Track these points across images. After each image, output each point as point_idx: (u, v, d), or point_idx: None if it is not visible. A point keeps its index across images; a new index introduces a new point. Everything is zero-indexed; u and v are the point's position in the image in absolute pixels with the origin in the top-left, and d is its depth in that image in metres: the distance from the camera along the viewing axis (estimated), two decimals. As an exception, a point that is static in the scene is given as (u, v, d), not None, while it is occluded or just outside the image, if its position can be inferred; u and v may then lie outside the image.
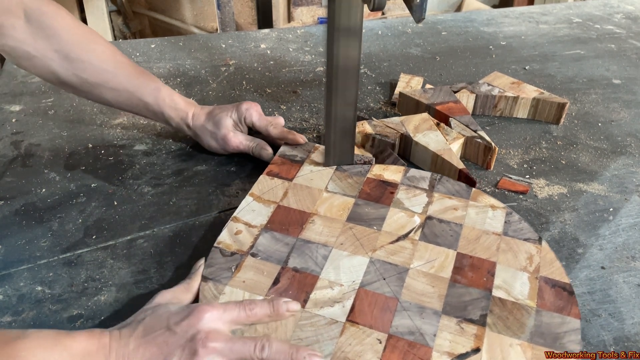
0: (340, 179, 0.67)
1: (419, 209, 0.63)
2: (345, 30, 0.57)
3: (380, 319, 0.50)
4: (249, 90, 0.94)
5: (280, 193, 0.65)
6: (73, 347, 0.43)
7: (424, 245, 0.58)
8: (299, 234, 0.59)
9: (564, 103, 0.82)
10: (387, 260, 0.56)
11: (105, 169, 0.73)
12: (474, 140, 0.75)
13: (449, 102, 0.82)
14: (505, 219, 0.61)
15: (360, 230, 0.60)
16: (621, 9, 1.33)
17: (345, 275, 0.54)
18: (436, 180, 0.67)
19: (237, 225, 0.60)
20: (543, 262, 0.56)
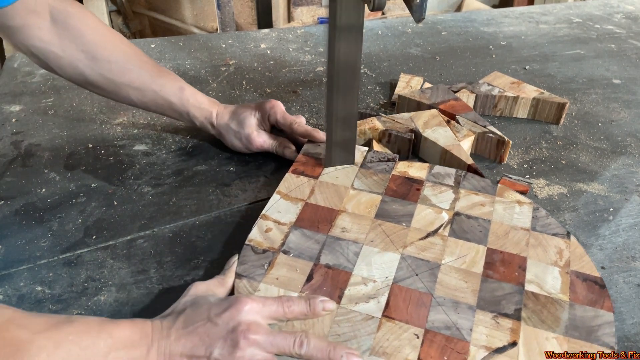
0: (366, 176, 0.67)
1: (447, 205, 0.63)
2: (346, 30, 0.57)
3: (415, 315, 0.50)
4: (249, 90, 0.94)
5: (307, 191, 0.65)
6: (117, 334, 0.43)
7: (453, 241, 0.58)
8: (328, 231, 0.60)
9: (564, 103, 0.82)
10: (418, 256, 0.57)
11: (105, 169, 0.73)
12: (486, 136, 0.75)
13: (449, 101, 0.83)
14: (533, 214, 0.62)
15: (389, 226, 0.60)
16: (621, 8, 1.33)
17: (377, 272, 0.55)
18: (461, 176, 0.67)
19: (267, 222, 0.61)
20: (573, 256, 0.57)
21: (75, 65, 0.67)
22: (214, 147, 0.78)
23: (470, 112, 0.80)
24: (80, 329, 0.42)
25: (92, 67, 0.67)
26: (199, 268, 0.58)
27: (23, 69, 0.99)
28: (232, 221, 0.65)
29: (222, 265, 0.59)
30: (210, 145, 0.79)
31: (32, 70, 0.98)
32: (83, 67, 0.67)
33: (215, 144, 0.79)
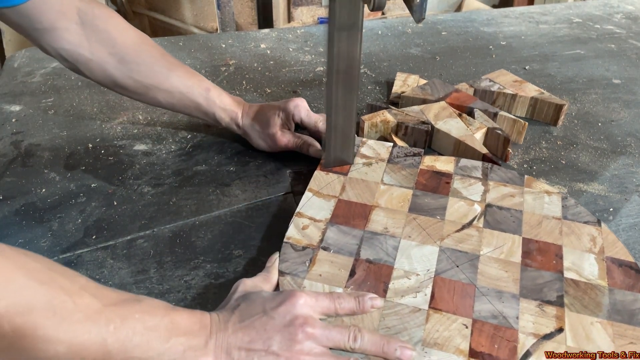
0: (394, 171, 0.68)
1: (477, 197, 0.64)
2: (346, 30, 0.57)
3: (461, 305, 0.51)
4: (249, 90, 0.94)
5: (338, 187, 0.66)
6: (178, 321, 0.44)
7: (489, 232, 0.60)
8: (364, 226, 0.60)
9: (562, 104, 0.82)
10: (456, 248, 0.58)
11: (105, 169, 0.73)
12: (494, 132, 0.76)
13: (452, 93, 0.84)
14: (562, 203, 0.63)
15: (424, 220, 0.61)
16: (621, 9, 1.33)
17: (419, 265, 0.56)
18: (488, 169, 0.69)
19: (302, 220, 0.61)
20: (606, 243, 0.58)
21: (104, 68, 0.67)
22: (214, 147, 0.78)
23: (476, 101, 0.82)
24: (146, 309, 0.42)
25: (121, 69, 0.67)
26: (199, 268, 0.58)
27: (23, 69, 0.99)
28: (232, 221, 0.65)
29: (222, 265, 0.59)
30: (210, 145, 0.79)
31: (32, 70, 0.98)
32: (112, 70, 0.67)
33: (216, 144, 0.79)
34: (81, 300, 0.39)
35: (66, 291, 0.39)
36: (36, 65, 1.00)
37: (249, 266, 0.59)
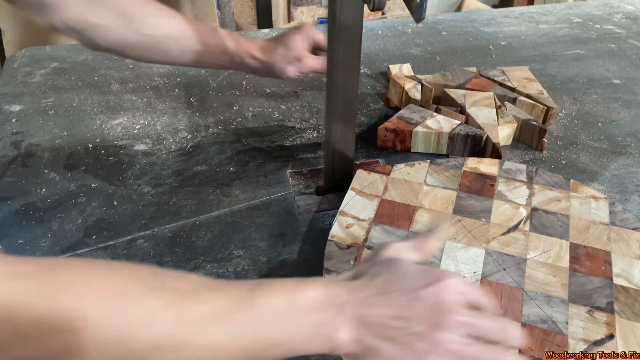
0: (437, 172, 0.68)
1: (523, 200, 0.64)
2: (346, 30, 0.57)
3: (510, 309, 0.51)
4: (249, 90, 0.94)
5: (381, 187, 0.66)
6: (304, 297, 0.40)
7: (535, 236, 0.59)
8: (409, 226, 0.60)
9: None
10: (502, 251, 0.57)
11: (105, 169, 0.73)
12: (529, 123, 0.78)
13: (472, 79, 0.86)
14: (610, 209, 0.63)
15: (469, 222, 0.61)
16: (621, 8, 1.33)
17: (465, 267, 0.55)
18: (533, 172, 0.68)
19: (346, 219, 0.61)
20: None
21: (114, 30, 0.66)
22: (214, 147, 0.78)
23: (496, 87, 0.84)
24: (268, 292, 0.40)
25: (130, 27, 0.67)
26: (199, 268, 0.58)
27: (23, 69, 0.99)
28: (232, 221, 0.65)
29: (222, 265, 0.59)
30: (210, 145, 0.79)
31: (32, 70, 0.98)
32: (122, 30, 0.66)
33: (216, 144, 0.79)
34: (202, 298, 0.38)
35: (184, 293, 0.37)
36: (36, 65, 1.00)
37: (249, 266, 0.59)
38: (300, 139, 0.80)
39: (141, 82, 0.95)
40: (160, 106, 0.88)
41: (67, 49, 1.06)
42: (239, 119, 0.85)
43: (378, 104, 0.90)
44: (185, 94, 0.92)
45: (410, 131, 0.75)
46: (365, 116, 0.86)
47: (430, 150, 0.77)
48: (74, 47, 1.07)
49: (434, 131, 0.75)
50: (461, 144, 0.76)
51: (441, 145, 0.76)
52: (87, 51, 1.05)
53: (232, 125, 0.83)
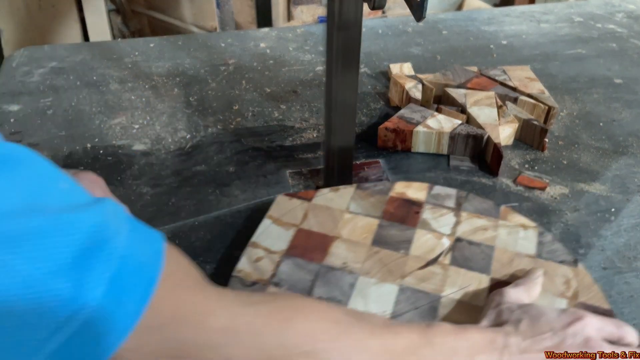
0: (362, 197, 0.63)
1: (447, 230, 0.59)
2: (345, 29, 0.57)
3: None
4: (249, 89, 0.93)
5: (300, 215, 0.61)
6: (475, 340, 0.44)
7: (455, 270, 0.55)
8: (322, 260, 0.56)
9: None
10: (417, 287, 0.53)
11: (103, 169, 0.73)
12: (530, 123, 0.77)
13: (473, 79, 0.86)
14: (538, 239, 0.58)
15: (387, 254, 0.56)
16: (623, 8, 1.32)
17: (375, 305, 0.51)
18: (463, 197, 0.64)
19: (257, 251, 0.57)
20: (581, 286, 0.53)
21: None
22: (213, 147, 0.78)
23: (497, 86, 0.84)
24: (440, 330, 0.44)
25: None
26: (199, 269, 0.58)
27: (21, 69, 0.98)
28: (232, 222, 0.65)
29: (222, 265, 0.59)
30: (210, 145, 0.78)
31: (30, 69, 0.98)
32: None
33: (215, 144, 0.78)
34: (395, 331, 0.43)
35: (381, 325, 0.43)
36: (35, 64, 0.99)
37: (248, 267, 0.59)
38: (300, 139, 0.80)
39: (140, 81, 0.94)
40: (159, 106, 0.88)
41: (66, 48, 1.06)
42: (238, 119, 0.85)
43: (378, 104, 0.89)
44: (184, 93, 0.91)
45: (410, 131, 0.75)
46: (365, 116, 0.86)
47: (431, 150, 0.77)
48: (73, 46, 1.07)
49: (435, 131, 0.75)
50: (462, 144, 0.75)
51: (442, 145, 0.76)
52: (86, 50, 1.05)
53: (231, 125, 0.83)
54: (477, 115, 0.77)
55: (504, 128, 0.77)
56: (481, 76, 0.88)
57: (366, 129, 0.82)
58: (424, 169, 0.74)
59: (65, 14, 2.09)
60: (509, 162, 0.76)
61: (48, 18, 2.06)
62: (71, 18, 2.11)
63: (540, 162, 0.76)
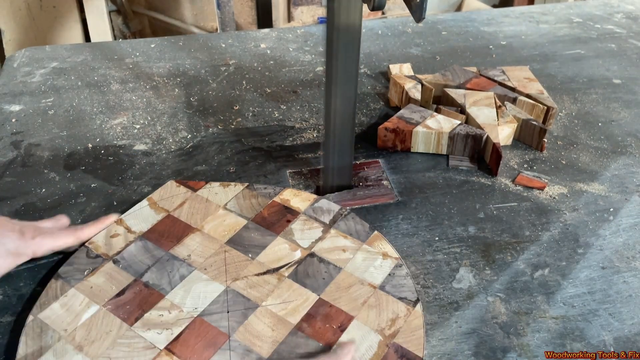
0: (245, 197, 0.64)
1: (307, 243, 0.59)
2: (345, 30, 0.57)
3: (199, 354, 0.48)
4: (249, 90, 0.93)
5: (178, 202, 0.63)
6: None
7: (288, 284, 0.54)
8: (170, 248, 0.57)
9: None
10: (242, 292, 0.53)
11: (105, 169, 0.73)
12: (529, 123, 0.77)
13: (472, 79, 0.86)
14: (391, 271, 0.56)
15: (233, 255, 0.57)
16: (621, 8, 1.33)
17: (191, 301, 0.52)
18: (341, 215, 0.63)
19: (118, 228, 0.59)
20: (406, 327, 0.51)
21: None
22: (214, 147, 0.78)
23: (496, 86, 0.84)
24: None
25: None
26: (199, 268, 0.58)
27: (23, 69, 0.98)
28: (232, 221, 0.65)
29: (222, 265, 0.59)
30: (210, 145, 0.79)
31: (31, 70, 0.98)
32: None
33: (216, 144, 0.79)
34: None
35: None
36: (36, 65, 1.00)
37: (249, 266, 0.59)
38: (300, 139, 0.80)
39: (141, 82, 0.95)
40: (160, 106, 0.88)
41: (67, 48, 1.06)
42: (239, 119, 0.85)
43: (378, 104, 0.90)
44: (185, 93, 0.92)
45: (410, 131, 0.75)
46: (365, 116, 0.86)
47: (430, 150, 0.77)
48: (74, 47, 1.07)
49: (434, 131, 0.75)
50: (461, 144, 0.75)
51: (441, 145, 0.76)
52: (87, 51, 1.05)
53: (232, 125, 0.83)
54: (477, 115, 0.78)
55: (503, 128, 0.77)
56: (480, 76, 0.88)
57: (366, 129, 0.83)
58: (423, 169, 0.75)
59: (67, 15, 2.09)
60: (508, 162, 0.76)
61: (49, 18, 2.07)
62: (72, 19, 2.11)
63: (539, 162, 0.76)
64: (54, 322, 0.50)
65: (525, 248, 0.62)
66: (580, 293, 0.57)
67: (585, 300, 0.56)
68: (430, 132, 0.75)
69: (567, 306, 0.55)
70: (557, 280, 0.58)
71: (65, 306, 0.51)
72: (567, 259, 0.61)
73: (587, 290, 0.57)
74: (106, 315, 0.51)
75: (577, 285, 0.57)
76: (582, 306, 0.55)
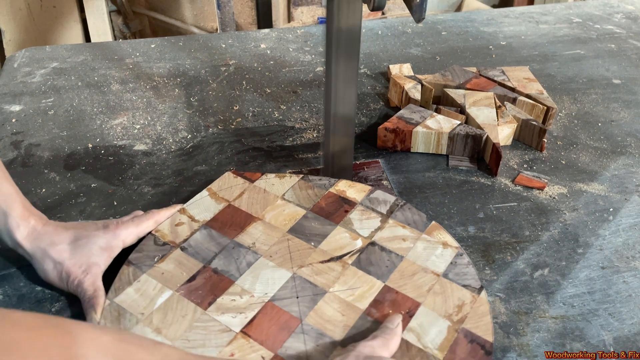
0: (302, 188, 0.66)
1: (367, 232, 0.60)
2: (345, 30, 0.57)
3: (273, 337, 0.49)
4: (249, 90, 0.94)
5: (237, 193, 0.65)
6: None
7: (353, 271, 0.56)
8: (235, 236, 0.59)
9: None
10: (308, 278, 0.54)
11: (105, 169, 0.73)
12: (529, 123, 0.77)
13: (472, 79, 0.86)
14: (453, 259, 0.57)
15: (297, 243, 0.58)
16: (621, 8, 1.33)
17: (260, 286, 0.54)
18: (397, 206, 0.64)
19: (182, 217, 0.61)
20: (473, 313, 0.52)
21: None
22: (214, 147, 0.78)
23: (495, 87, 0.84)
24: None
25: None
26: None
27: (23, 69, 0.99)
28: (232, 221, 0.65)
29: (222, 265, 0.59)
30: (210, 145, 0.79)
31: (32, 70, 0.98)
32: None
33: (215, 144, 0.79)
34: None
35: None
36: (36, 65, 1.00)
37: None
38: (300, 139, 0.80)
39: (141, 82, 0.95)
40: (160, 106, 0.88)
41: (67, 49, 1.06)
42: (239, 119, 0.85)
43: (378, 104, 0.90)
44: (185, 94, 0.92)
45: (410, 131, 0.75)
46: (365, 116, 0.86)
47: (430, 150, 0.77)
48: (74, 47, 1.07)
49: (434, 131, 0.75)
50: (461, 144, 0.76)
51: (441, 145, 0.76)
52: (87, 51, 1.05)
53: (232, 125, 0.83)
54: (476, 115, 0.78)
55: (503, 128, 0.77)
56: (480, 77, 0.88)
57: (366, 129, 0.83)
58: (423, 169, 0.75)
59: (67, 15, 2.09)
60: (508, 162, 0.76)
61: (49, 19, 2.07)
62: (72, 19, 2.11)
63: (538, 162, 0.76)
64: (130, 306, 0.51)
65: (525, 248, 0.62)
66: (580, 293, 0.57)
67: (585, 300, 0.56)
68: (430, 132, 0.75)
69: (566, 306, 0.55)
70: (557, 280, 0.58)
71: (139, 291, 0.53)
72: (567, 259, 0.61)
73: (587, 290, 0.57)
74: (180, 300, 0.52)
75: (576, 285, 0.58)
76: (582, 306, 0.55)
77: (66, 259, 0.53)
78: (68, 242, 0.54)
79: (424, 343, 0.49)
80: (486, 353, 0.49)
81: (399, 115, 0.78)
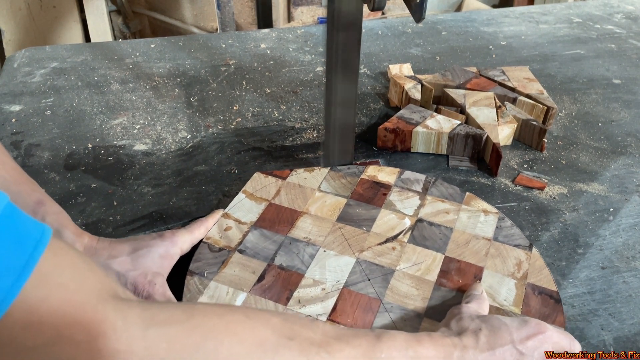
0: (334, 179, 0.67)
1: (411, 211, 0.63)
2: (345, 30, 0.57)
3: (361, 319, 0.50)
4: (249, 90, 0.94)
5: (273, 191, 0.65)
6: (422, 353, 0.43)
7: (411, 248, 0.58)
8: (287, 232, 0.60)
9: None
10: (373, 261, 0.57)
11: (105, 169, 0.73)
12: (529, 123, 0.78)
13: (472, 79, 0.86)
14: (497, 224, 0.62)
15: (349, 230, 0.60)
16: (621, 8, 1.33)
17: (330, 275, 0.55)
18: (430, 183, 0.67)
19: (228, 221, 0.61)
20: (532, 269, 0.56)
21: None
22: (214, 147, 0.78)
23: (496, 87, 0.84)
24: (390, 345, 0.42)
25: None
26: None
27: (23, 69, 0.99)
28: (232, 221, 0.65)
29: (222, 265, 0.59)
30: (210, 145, 0.79)
31: (31, 70, 0.98)
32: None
33: (215, 144, 0.79)
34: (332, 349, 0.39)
35: (315, 344, 0.39)
36: (36, 65, 1.00)
37: (249, 266, 0.59)
38: (300, 139, 0.80)
39: (141, 82, 0.95)
40: (160, 106, 0.88)
41: (67, 49, 1.06)
42: (239, 119, 0.85)
43: (378, 104, 0.90)
44: (185, 94, 0.92)
45: (410, 131, 0.75)
46: (365, 116, 0.86)
47: (430, 150, 0.77)
48: (74, 47, 1.07)
49: (434, 131, 0.75)
50: (461, 144, 0.76)
51: (441, 145, 0.76)
52: (87, 51, 1.05)
53: (232, 125, 0.83)
54: (476, 115, 0.78)
55: (503, 128, 0.77)
56: (480, 77, 0.88)
57: (366, 129, 0.83)
58: (423, 169, 0.75)
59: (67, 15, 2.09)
60: (508, 162, 0.76)
61: (49, 19, 2.07)
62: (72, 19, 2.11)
63: (539, 162, 0.76)
64: None
65: (525, 248, 0.62)
66: (580, 293, 0.57)
67: (585, 300, 0.56)
68: (430, 132, 0.75)
69: (566, 306, 0.55)
70: (557, 280, 0.58)
71: (213, 298, 0.53)
72: (567, 259, 0.61)
73: (587, 290, 0.57)
74: (257, 300, 0.52)
75: (577, 285, 0.58)
76: (582, 306, 0.55)
77: (129, 270, 0.52)
78: (127, 254, 0.53)
79: (499, 302, 0.53)
80: (556, 302, 0.53)
81: (399, 115, 0.78)
